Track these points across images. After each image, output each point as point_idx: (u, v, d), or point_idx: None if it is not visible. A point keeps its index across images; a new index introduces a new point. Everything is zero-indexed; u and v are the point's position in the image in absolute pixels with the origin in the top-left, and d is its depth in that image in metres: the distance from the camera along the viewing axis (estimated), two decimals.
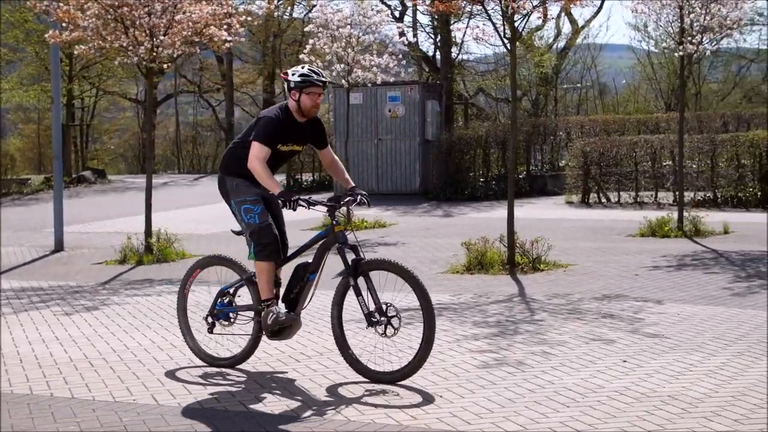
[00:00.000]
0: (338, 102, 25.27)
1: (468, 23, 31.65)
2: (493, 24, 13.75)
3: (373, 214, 19.41)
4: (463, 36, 33.00)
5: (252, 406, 6.41)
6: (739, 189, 20.97)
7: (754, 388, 6.47)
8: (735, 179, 21.17)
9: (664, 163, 22.52)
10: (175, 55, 14.60)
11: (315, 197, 7.17)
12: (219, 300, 7.50)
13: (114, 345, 8.44)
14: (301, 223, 14.77)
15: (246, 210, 7.04)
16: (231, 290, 7.46)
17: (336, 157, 7.35)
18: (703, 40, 15.22)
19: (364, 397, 6.52)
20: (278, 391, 6.77)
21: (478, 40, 12.53)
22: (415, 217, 20.25)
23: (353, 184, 7.16)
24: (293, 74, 6.97)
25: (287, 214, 7.18)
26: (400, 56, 19.41)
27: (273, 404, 6.45)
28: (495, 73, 37.12)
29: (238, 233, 7.37)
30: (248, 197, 7.06)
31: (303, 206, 6.79)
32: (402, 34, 19.79)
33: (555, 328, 8.66)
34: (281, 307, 7.10)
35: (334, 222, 6.88)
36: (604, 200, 22.47)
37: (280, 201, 6.79)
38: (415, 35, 34.93)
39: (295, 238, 7.73)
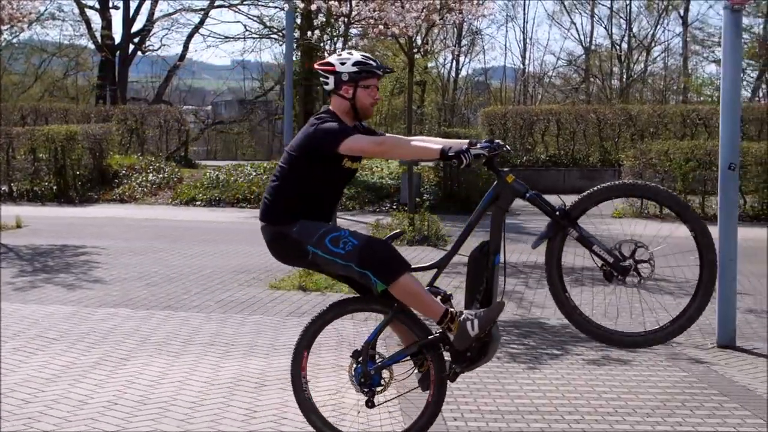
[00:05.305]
0: None
1: None
2: None
3: None
4: None
5: None
6: (35, 183, 20.99)
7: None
8: (31, 173, 21.15)
9: None
10: None
11: None
12: (366, 359, 5.16)
13: None
14: None
15: (333, 240, 4.95)
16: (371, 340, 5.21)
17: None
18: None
19: None
20: None
21: None
22: None
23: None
24: (343, 63, 5.14)
25: None
26: None
27: None
28: None
29: None
30: (324, 228, 5.01)
31: (482, 155, 4.84)
32: None
33: None
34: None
35: (501, 174, 5.00)
36: None
37: (457, 159, 4.77)
38: None
39: None
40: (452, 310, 4.98)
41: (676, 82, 42.96)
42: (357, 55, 5.17)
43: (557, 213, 4.96)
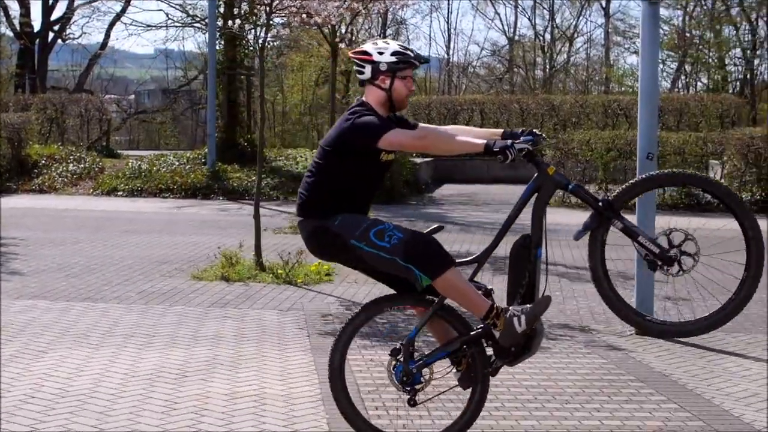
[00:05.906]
0: None
1: None
2: None
3: None
4: None
5: None
6: None
7: None
8: None
9: None
10: None
11: None
12: (407, 357, 5.00)
13: None
14: None
15: (378, 234, 4.80)
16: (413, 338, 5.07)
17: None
18: None
19: None
20: None
21: None
22: None
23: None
24: (381, 52, 4.96)
25: None
26: None
27: None
28: None
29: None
30: (367, 221, 4.87)
31: (526, 149, 4.73)
32: None
33: None
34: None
35: (542, 166, 4.90)
36: None
37: (502, 155, 4.65)
38: None
39: None
40: (498, 305, 4.88)
41: (598, 73, 43.53)
42: (394, 45, 5.04)
43: (600, 204, 4.90)
